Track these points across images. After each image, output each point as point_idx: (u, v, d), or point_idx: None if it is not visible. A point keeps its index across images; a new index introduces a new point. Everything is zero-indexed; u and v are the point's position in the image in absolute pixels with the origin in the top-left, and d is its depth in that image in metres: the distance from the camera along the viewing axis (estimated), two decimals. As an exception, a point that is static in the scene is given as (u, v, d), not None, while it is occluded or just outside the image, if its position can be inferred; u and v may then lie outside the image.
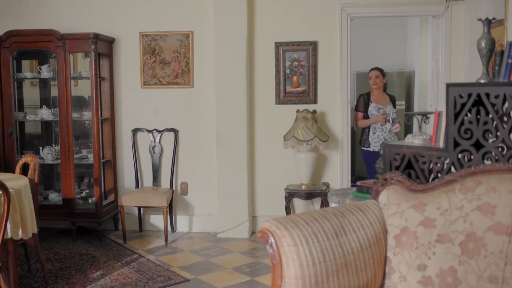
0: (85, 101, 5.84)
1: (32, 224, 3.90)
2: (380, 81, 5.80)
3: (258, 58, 5.60)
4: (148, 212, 5.88)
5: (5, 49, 5.45)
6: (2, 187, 3.35)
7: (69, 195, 5.49)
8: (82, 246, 5.31)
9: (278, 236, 2.42)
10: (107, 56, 5.73)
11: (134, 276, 4.44)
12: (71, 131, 5.45)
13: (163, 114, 5.79)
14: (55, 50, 5.38)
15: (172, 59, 5.69)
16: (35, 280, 4.37)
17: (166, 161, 5.82)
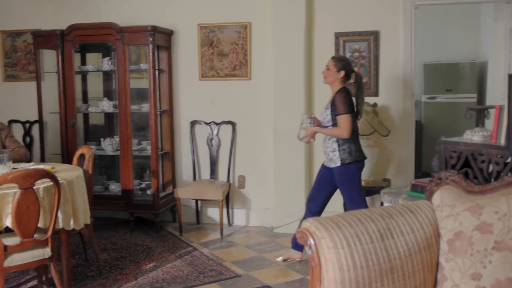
0: (145, 93, 5.88)
1: (85, 215, 3.94)
2: (329, 74, 4.32)
3: (317, 49, 5.42)
4: (205, 204, 5.86)
5: (68, 43, 5.57)
6: (53, 179, 3.39)
7: (128, 186, 5.56)
8: (139, 237, 5.37)
9: (318, 238, 2.27)
10: (165, 49, 5.74)
11: (186, 270, 4.42)
12: (129, 123, 5.50)
13: (221, 107, 5.74)
14: (114, 43, 5.44)
15: (230, 51, 5.62)
16: (90, 269, 4.45)
17: (223, 154, 5.77)
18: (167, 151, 5.88)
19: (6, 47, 6.35)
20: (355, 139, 4.27)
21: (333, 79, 4.29)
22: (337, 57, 4.37)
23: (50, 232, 3.44)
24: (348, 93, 4.25)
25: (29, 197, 3.26)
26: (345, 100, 4.15)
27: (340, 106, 4.15)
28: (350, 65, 4.34)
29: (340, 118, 4.14)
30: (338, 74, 4.26)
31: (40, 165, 4.17)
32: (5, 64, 6.37)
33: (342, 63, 4.27)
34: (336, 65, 4.27)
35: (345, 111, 4.13)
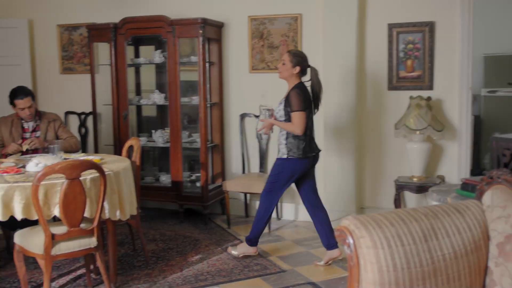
0: (195, 86, 5.89)
1: (132, 206, 3.99)
2: (284, 69, 4.29)
3: (369, 41, 5.27)
4: (254, 198, 5.83)
5: (121, 36, 5.66)
6: (99, 170, 3.44)
7: (177, 178, 5.60)
8: (187, 228, 5.40)
9: (357, 237, 2.19)
10: (216, 41, 5.73)
11: (231, 263, 4.41)
12: (179, 115, 5.54)
13: (271, 99, 5.66)
14: (165, 36, 5.47)
15: (280, 43, 5.54)
16: (138, 260, 4.51)
17: (273, 148, 5.71)
18: (216, 143, 5.89)
19: (64, 40, 6.52)
20: (306, 136, 4.23)
21: (288, 74, 4.29)
22: (292, 52, 4.33)
23: (96, 222, 3.50)
24: (303, 89, 4.24)
25: (75, 187, 3.32)
26: (299, 97, 4.14)
27: (294, 102, 4.14)
28: (305, 61, 4.31)
29: (294, 115, 4.13)
30: (294, 69, 4.25)
31: (90, 156, 4.26)
32: (63, 57, 6.55)
33: (297, 59, 4.26)
34: (291, 60, 4.25)
35: (299, 108, 4.12)
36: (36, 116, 4.79)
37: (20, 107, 4.63)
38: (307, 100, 4.22)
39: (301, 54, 4.36)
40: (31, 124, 4.75)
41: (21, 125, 4.73)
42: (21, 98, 4.62)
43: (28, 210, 3.38)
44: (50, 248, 3.35)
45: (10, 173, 3.66)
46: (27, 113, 4.65)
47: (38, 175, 3.22)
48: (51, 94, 6.66)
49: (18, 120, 4.73)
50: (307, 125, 4.19)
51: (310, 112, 4.26)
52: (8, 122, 4.69)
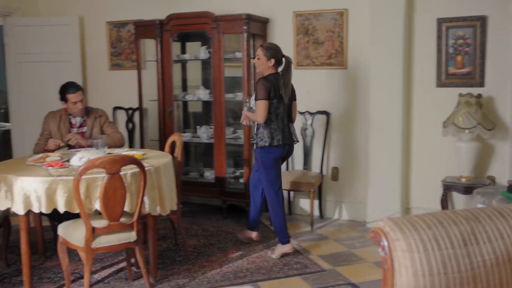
0: (241, 82, 5.88)
1: (172, 201, 4.01)
2: (260, 63, 4.42)
3: (417, 36, 5.10)
4: (297, 195, 5.78)
5: (166, 32, 5.71)
6: (139, 165, 3.47)
7: (221, 174, 5.62)
8: (230, 225, 5.41)
9: (392, 239, 2.11)
10: (261, 37, 5.70)
11: (272, 261, 4.38)
12: (223, 111, 5.54)
13: (316, 96, 5.61)
14: (210, 32, 5.48)
15: (325, 39, 5.46)
16: (179, 254, 4.55)
17: (317, 145, 5.65)
18: (261, 140, 5.86)
19: (112, 37, 6.65)
20: (272, 125, 4.34)
21: (264, 68, 4.43)
22: (265, 45, 4.48)
23: (136, 217, 3.54)
24: (269, 79, 4.35)
25: (115, 182, 3.37)
26: (262, 87, 4.28)
27: (257, 92, 4.31)
28: (279, 52, 4.45)
29: (257, 104, 4.30)
30: (269, 62, 4.40)
31: (133, 151, 4.31)
32: (111, 53, 6.68)
33: (271, 51, 4.41)
34: (265, 54, 4.40)
35: (260, 97, 4.27)
36: (83, 112, 4.88)
37: (73, 100, 4.68)
38: (274, 90, 4.31)
39: (274, 47, 4.48)
40: (79, 119, 4.83)
41: (69, 121, 4.81)
42: (73, 92, 4.70)
43: (70, 203, 3.45)
44: (90, 241, 3.41)
45: (54, 167, 3.75)
46: (79, 107, 4.71)
47: (79, 169, 3.29)
48: (100, 90, 6.81)
49: (66, 115, 4.82)
50: (276, 115, 4.33)
51: (279, 103, 4.36)
52: (56, 117, 4.79)
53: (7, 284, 3.99)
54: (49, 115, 4.83)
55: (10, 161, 4.32)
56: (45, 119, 4.82)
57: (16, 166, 3.91)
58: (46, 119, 4.81)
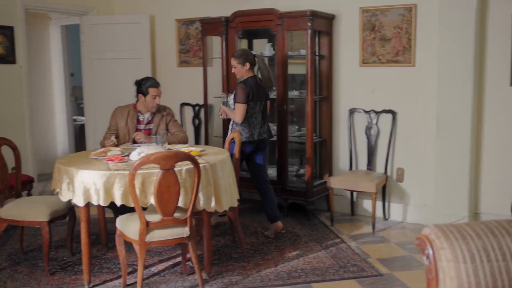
0: (305, 79, 5.81)
1: (231, 198, 4.00)
2: (238, 71, 4.85)
3: (490, 31, 4.81)
4: (360, 196, 5.64)
5: (232, 29, 5.73)
6: (193, 161, 3.50)
7: (283, 171, 5.58)
8: (290, 223, 5.36)
9: (437, 248, 2.01)
10: (326, 34, 5.60)
11: (328, 262, 4.29)
12: (287, 109, 5.49)
13: (381, 94, 5.44)
14: (275, 29, 5.44)
15: (392, 36, 5.27)
16: (236, 251, 4.55)
17: (382, 145, 5.48)
18: (324, 138, 5.77)
19: (181, 34, 6.77)
20: (249, 124, 4.83)
21: (242, 73, 4.84)
22: (235, 54, 4.87)
23: (189, 212, 3.57)
24: (247, 84, 4.75)
25: (169, 177, 3.41)
26: (242, 91, 4.71)
27: (237, 95, 4.74)
28: (250, 55, 4.86)
29: (236, 106, 4.76)
30: (245, 67, 4.81)
31: (192, 148, 4.36)
32: (180, 50, 6.80)
33: (242, 57, 4.80)
34: (239, 62, 4.81)
35: (239, 100, 4.73)
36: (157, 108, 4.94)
37: (153, 94, 4.74)
38: (252, 93, 4.76)
39: (243, 52, 4.90)
40: (146, 116, 4.89)
41: (137, 117, 4.90)
42: (156, 86, 4.76)
43: (126, 197, 3.53)
44: (144, 235, 3.48)
45: (114, 161, 3.86)
46: (157, 101, 4.78)
47: (134, 164, 3.36)
48: (169, 86, 6.92)
49: (135, 112, 4.90)
50: (251, 114, 4.82)
51: (255, 103, 4.82)
52: (124, 113, 4.89)
53: (70, 271, 4.15)
54: (117, 110, 4.95)
55: (75, 155, 4.49)
56: (113, 114, 4.95)
57: (80, 159, 4.06)
58: (114, 114, 4.94)
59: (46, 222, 4.00)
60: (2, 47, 5.91)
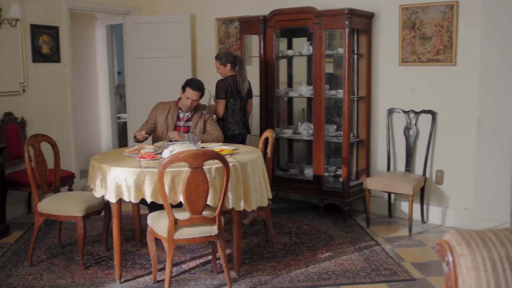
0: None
1: (261, 197, 3.99)
2: (221, 71, 5.42)
3: (536, 30, 4.62)
4: (398, 198, 5.52)
5: (270, 28, 5.71)
6: (222, 160, 3.50)
7: (319, 172, 5.52)
8: (325, 224, 5.30)
9: (457, 254, 1.93)
10: (365, 32, 5.50)
11: (360, 264, 4.22)
12: (323, 109, 5.43)
13: (421, 94, 5.31)
14: (312, 28, 5.39)
15: (433, 34, 5.13)
16: (268, 251, 4.54)
17: (421, 146, 5.34)
18: (362, 138, 5.68)
19: (221, 33, 6.80)
20: (229, 118, 5.33)
21: (225, 73, 5.38)
22: (218, 56, 5.43)
23: (218, 211, 3.58)
24: (225, 81, 5.31)
25: (198, 176, 3.42)
26: (220, 88, 5.28)
27: (216, 92, 5.30)
28: (231, 57, 5.39)
29: (216, 102, 5.31)
30: (226, 67, 5.35)
31: (225, 146, 4.36)
32: (220, 49, 6.83)
33: (224, 58, 5.36)
34: (221, 63, 5.37)
35: (219, 96, 5.28)
36: (189, 109, 5.00)
37: (188, 96, 4.85)
38: (231, 90, 5.28)
39: (225, 54, 5.43)
40: (186, 114, 4.98)
41: (177, 114, 4.98)
42: (193, 89, 4.83)
43: (156, 194, 3.57)
44: (173, 232, 3.51)
45: (146, 159, 3.91)
46: (188, 104, 4.87)
47: (163, 162, 3.39)
48: (208, 85, 6.90)
49: (176, 108, 4.97)
50: (232, 111, 5.32)
51: (235, 100, 5.33)
52: (166, 108, 4.98)
53: (104, 266, 4.24)
54: (159, 105, 5.05)
55: (110, 152, 4.58)
56: (153, 108, 5.06)
57: (114, 156, 4.14)
58: (154, 109, 5.04)
59: (81, 217, 4.10)
60: (48, 46, 6.09)
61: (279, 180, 5.90)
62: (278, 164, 6.27)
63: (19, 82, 5.76)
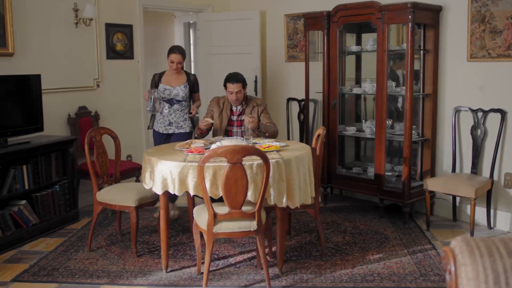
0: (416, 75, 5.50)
1: (305, 195, 3.96)
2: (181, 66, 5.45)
3: None
4: (464, 201, 5.25)
5: (334, 24, 5.63)
6: (261, 156, 3.51)
7: (380, 171, 5.38)
8: (383, 225, 5.15)
9: (459, 263, 1.83)
10: (432, 27, 5.27)
11: (409, 268, 4.07)
12: (385, 106, 5.28)
13: (490, 92, 5.00)
14: (376, 23, 5.25)
15: (504, 27, 4.81)
16: (317, 249, 4.50)
17: (489, 146, 5.04)
18: (427, 138, 5.45)
19: (289, 29, 6.79)
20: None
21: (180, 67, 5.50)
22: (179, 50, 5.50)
23: (257, 207, 3.59)
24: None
25: (237, 171, 3.46)
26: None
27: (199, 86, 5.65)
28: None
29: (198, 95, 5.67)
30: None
31: (274, 143, 4.37)
32: (288, 45, 6.83)
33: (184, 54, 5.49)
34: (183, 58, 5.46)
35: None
36: (243, 101, 5.10)
37: (230, 90, 4.98)
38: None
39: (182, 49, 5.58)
40: (239, 107, 5.09)
41: (230, 108, 5.11)
42: (232, 83, 4.97)
43: (198, 188, 3.65)
44: (212, 226, 3.57)
45: (193, 153, 4.01)
46: (234, 98, 4.99)
47: (202, 157, 3.46)
48: (277, 81, 7.03)
49: (229, 102, 5.11)
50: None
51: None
52: (220, 102, 5.15)
53: (155, 255, 4.40)
54: (214, 100, 5.22)
55: (162, 146, 4.70)
56: (210, 102, 5.25)
57: (165, 150, 4.28)
58: (211, 103, 5.22)
59: (134, 207, 4.28)
60: (121, 44, 6.39)
61: (341, 178, 5.82)
62: (343, 162, 6.17)
63: (94, 78, 6.10)
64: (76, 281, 3.92)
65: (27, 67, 5.29)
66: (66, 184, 5.27)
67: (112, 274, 4.02)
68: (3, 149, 4.62)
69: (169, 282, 3.88)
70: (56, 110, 5.65)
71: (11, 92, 4.92)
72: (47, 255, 4.47)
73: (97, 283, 3.88)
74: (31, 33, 5.38)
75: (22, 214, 4.76)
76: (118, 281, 3.90)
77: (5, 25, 5.02)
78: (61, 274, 4.06)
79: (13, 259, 4.39)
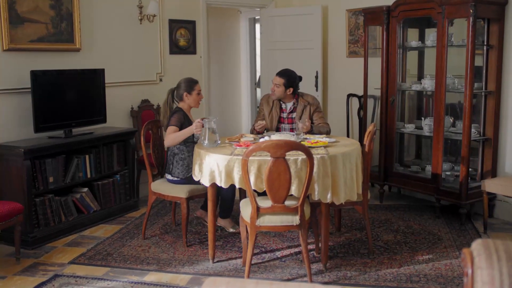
0: (476, 71, 5.30)
1: (350, 191, 3.93)
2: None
3: None
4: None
5: (393, 18, 5.53)
6: (305, 151, 3.53)
7: (437, 170, 5.24)
8: (438, 225, 5.02)
9: (476, 266, 1.79)
10: (497, 21, 5.06)
11: (458, 271, 3.95)
12: (443, 104, 5.13)
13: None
14: (436, 17, 5.10)
15: None
16: (365, 247, 4.46)
17: (555, 148, 4.80)
18: (489, 137, 5.25)
19: (351, 25, 6.72)
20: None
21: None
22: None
23: (300, 202, 3.62)
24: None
25: (280, 166, 3.50)
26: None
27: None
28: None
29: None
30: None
31: (323, 139, 4.37)
32: (349, 41, 6.76)
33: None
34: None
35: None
36: (294, 98, 5.08)
37: (276, 82, 4.98)
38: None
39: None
40: (289, 105, 5.05)
41: (280, 105, 5.10)
42: (276, 75, 5.00)
43: (243, 181, 3.73)
44: (255, 219, 3.64)
45: (241, 147, 4.09)
46: (272, 88, 5.00)
47: (246, 151, 3.53)
48: (337, 76, 6.98)
49: (278, 100, 5.11)
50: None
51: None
52: (270, 101, 5.13)
53: (205, 246, 4.52)
54: (264, 98, 5.22)
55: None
56: (260, 101, 5.26)
57: (216, 143, 4.38)
58: (261, 102, 5.24)
59: (185, 198, 4.42)
60: (184, 39, 6.57)
61: (398, 176, 5.72)
62: (401, 160, 6.06)
63: (157, 72, 6.32)
64: (127, 267, 4.11)
65: (93, 61, 5.57)
66: (126, 174, 5.51)
67: (161, 262, 4.18)
68: (67, 139, 4.90)
69: (214, 271, 3.99)
70: (120, 103, 5.90)
71: (77, 85, 5.20)
72: (104, 240, 4.71)
73: (146, 269, 4.05)
74: (97, 30, 5.65)
75: (84, 201, 5.04)
76: (166, 269, 4.05)
77: (73, 22, 5.30)
78: (114, 259, 4.27)
79: (73, 243, 4.66)
